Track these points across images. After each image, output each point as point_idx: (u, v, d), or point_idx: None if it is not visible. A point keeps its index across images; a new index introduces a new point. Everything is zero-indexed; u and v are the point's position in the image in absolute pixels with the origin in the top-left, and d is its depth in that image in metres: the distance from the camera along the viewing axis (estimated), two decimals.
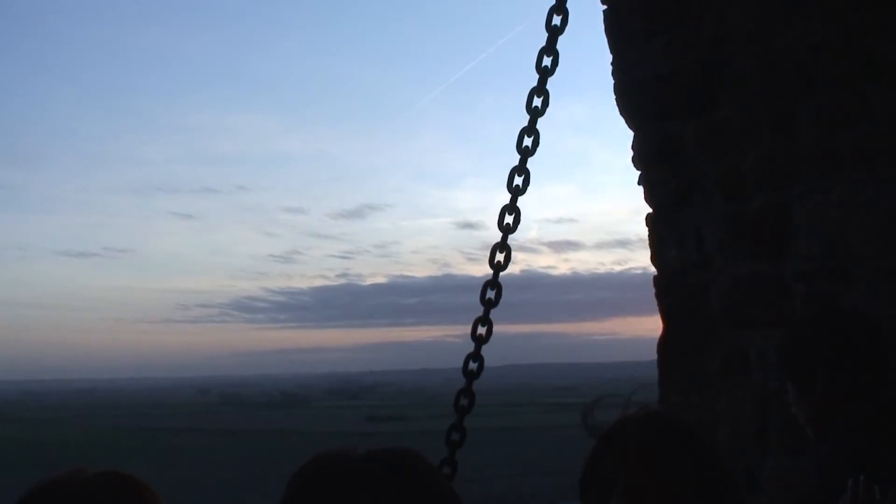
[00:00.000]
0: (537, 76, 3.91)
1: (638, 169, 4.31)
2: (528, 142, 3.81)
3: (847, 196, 3.63)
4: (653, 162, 4.25)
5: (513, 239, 3.83)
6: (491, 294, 3.62)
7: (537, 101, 3.87)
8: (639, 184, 4.31)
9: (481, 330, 3.57)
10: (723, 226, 4.01)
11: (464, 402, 3.54)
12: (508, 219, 3.74)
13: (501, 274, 3.79)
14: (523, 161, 3.72)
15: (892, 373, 2.80)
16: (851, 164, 3.62)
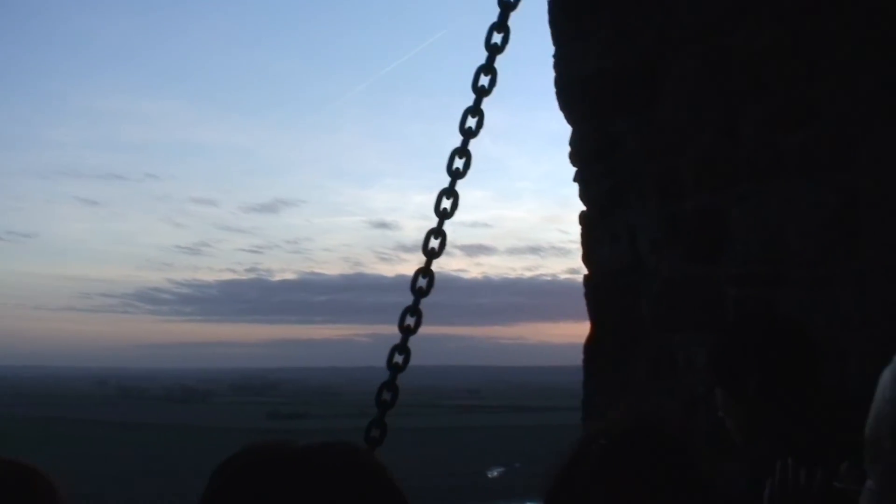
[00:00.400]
0: (473, 96, 3.72)
1: (574, 166, 4.22)
2: (459, 163, 3.62)
3: (786, 200, 3.58)
4: (590, 159, 4.17)
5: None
6: (423, 282, 3.45)
7: (471, 122, 3.66)
8: (574, 181, 4.22)
9: (410, 321, 3.38)
10: (658, 226, 3.94)
11: (386, 396, 3.37)
12: (446, 203, 3.57)
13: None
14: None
15: (825, 379, 2.75)
16: (793, 168, 3.57)
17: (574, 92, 4.21)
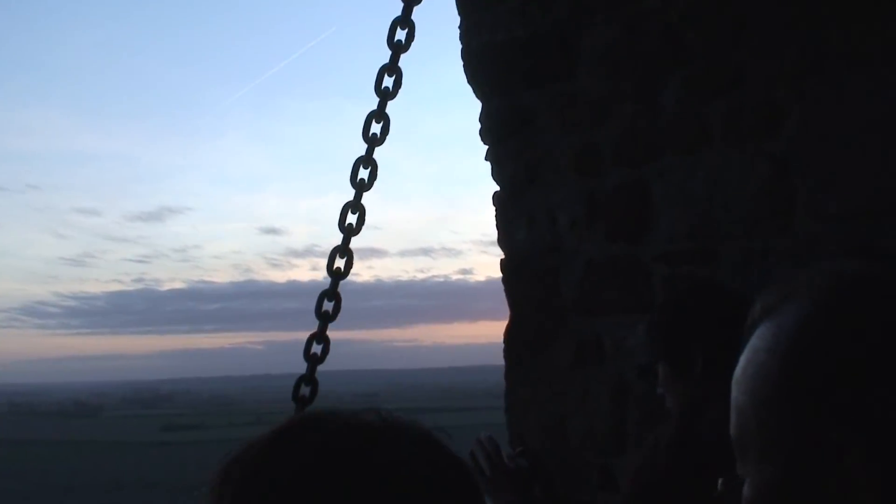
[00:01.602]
0: (389, 52, 3.40)
1: (485, 143, 3.97)
2: (376, 128, 3.26)
3: (714, 172, 3.38)
4: (502, 136, 3.92)
5: (316, 245, 3.38)
6: (329, 306, 3.09)
7: (388, 81, 3.32)
8: (486, 160, 3.97)
9: (316, 348, 3.04)
10: (577, 205, 3.71)
11: (304, 391, 3.06)
12: (351, 218, 3.19)
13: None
14: (370, 151, 3.21)
15: None
16: (719, 138, 3.38)
17: (483, 64, 3.95)
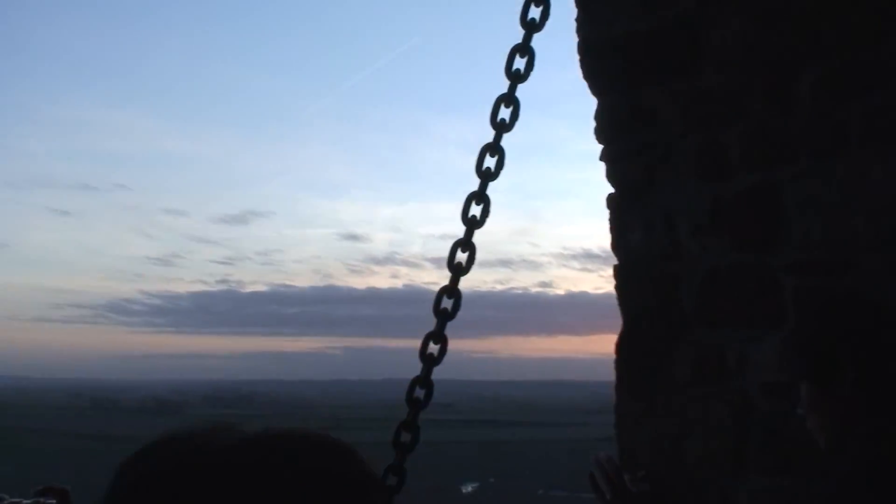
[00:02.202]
0: (508, 81, 3.19)
1: (600, 143, 3.76)
2: (490, 162, 3.04)
3: (852, 177, 3.14)
4: (619, 135, 3.70)
5: (396, 253, 3.20)
6: (448, 303, 2.90)
7: (504, 113, 3.09)
8: (601, 159, 3.76)
9: (433, 348, 2.84)
10: (699, 210, 3.48)
11: (405, 437, 2.84)
12: (475, 210, 2.99)
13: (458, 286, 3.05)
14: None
15: None
16: (858, 141, 3.13)
17: (600, 58, 3.74)
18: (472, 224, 2.93)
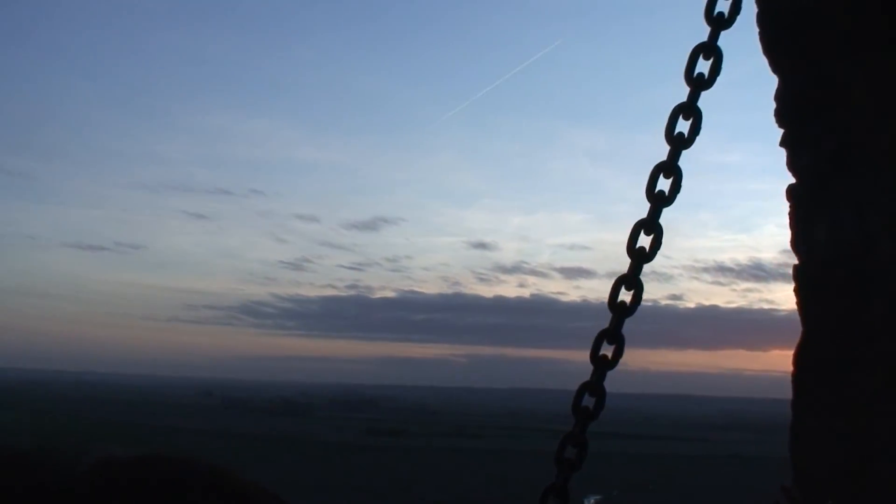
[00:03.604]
0: (687, 88, 2.75)
1: (781, 126, 3.35)
2: (664, 184, 2.56)
3: None
4: (803, 118, 3.29)
5: (524, 262, 2.77)
6: (626, 296, 2.46)
7: (683, 126, 2.63)
8: (781, 145, 3.35)
9: (606, 349, 2.40)
10: None
11: (570, 454, 2.42)
12: (644, 240, 2.53)
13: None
14: (656, 208, 2.50)
15: None
16: None
17: (783, 31, 3.33)
18: (639, 257, 2.50)
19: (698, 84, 2.59)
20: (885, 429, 3.03)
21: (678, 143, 2.56)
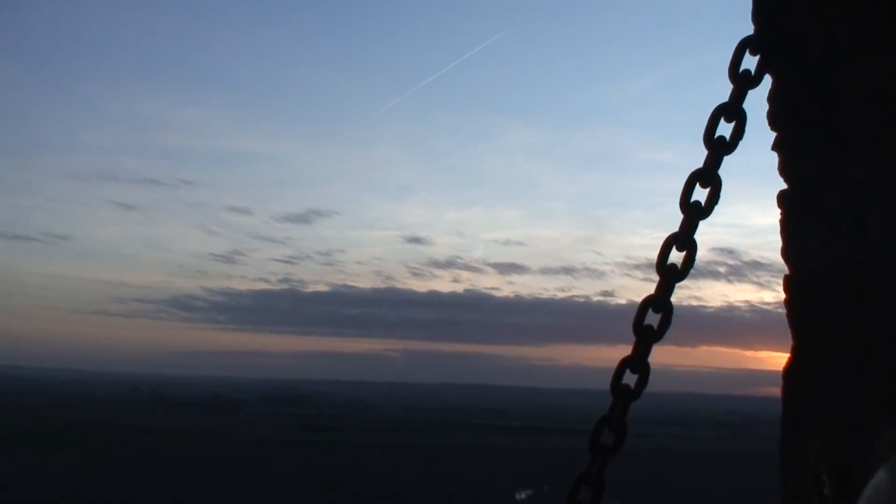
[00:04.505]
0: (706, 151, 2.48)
1: (774, 130, 3.17)
2: (704, 195, 2.30)
3: None
4: (799, 120, 3.12)
5: (459, 258, 2.59)
6: (678, 258, 2.20)
7: (700, 195, 2.36)
8: (773, 149, 3.18)
9: (654, 318, 2.17)
10: None
11: (585, 495, 2.18)
12: (676, 257, 2.30)
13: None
14: (691, 224, 2.26)
15: None
16: None
17: (780, 30, 3.16)
18: (670, 276, 2.26)
19: (719, 149, 2.40)
20: (883, 452, 2.86)
21: (695, 214, 2.34)
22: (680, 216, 2.54)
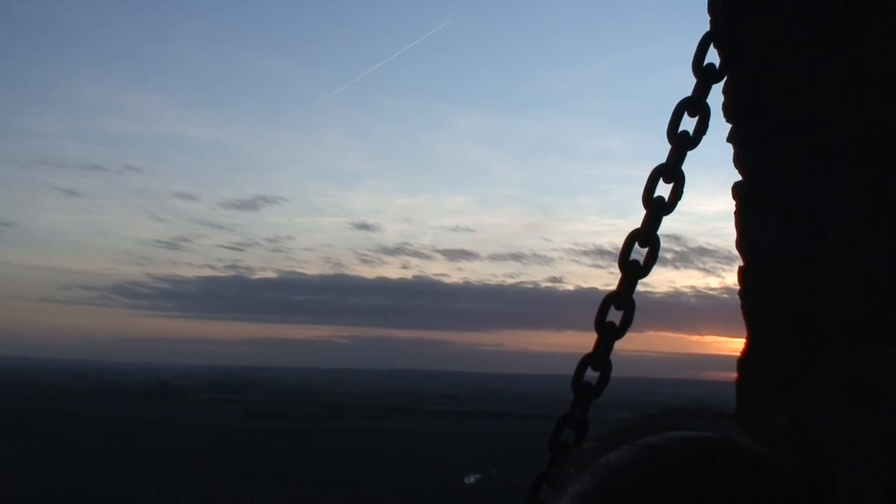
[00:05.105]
0: (669, 146, 2.47)
1: (729, 122, 3.18)
2: (667, 191, 2.26)
3: None
4: (754, 112, 3.12)
5: (407, 244, 2.56)
6: (617, 316, 2.18)
7: (664, 190, 2.35)
8: (728, 141, 3.18)
9: (614, 315, 2.15)
10: (853, 203, 2.89)
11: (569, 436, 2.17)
12: (639, 254, 2.28)
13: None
14: (654, 220, 2.23)
15: None
16: None
17: (736, 17, 3.15)
18: (633, 272, 2.23)
19: (683, 143, 2.39)
20: (838, 444, 2.88)
21: (658, 209, 2.33)
22: (641, 210, 2.54)
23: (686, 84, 3.12)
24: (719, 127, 3.26)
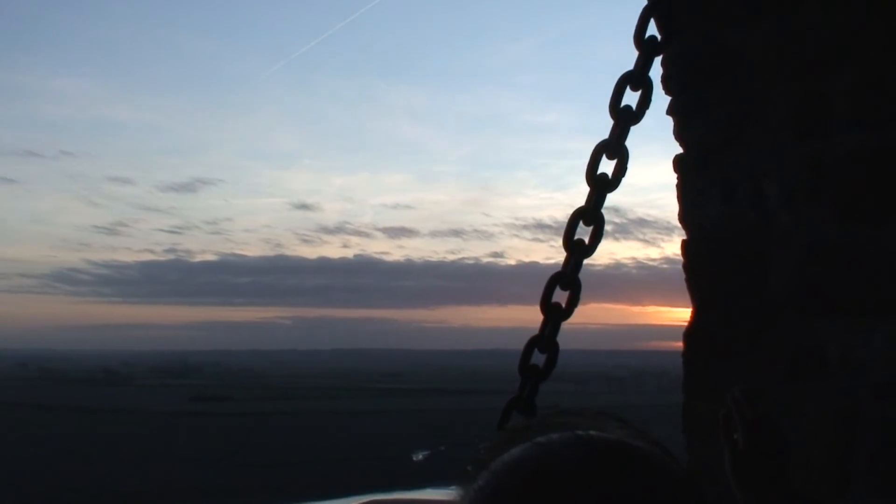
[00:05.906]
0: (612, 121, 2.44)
1: (668, 94, 3.15)
2: (611, 167, 2.22)
3: None
4: (694, 83, 3.10)
5: (347, 223, 2.52)
6: (585, 233, 2.15)
7: (607, 167, 2.30)
8: (668, 113, 3.16)
9: (559, 296, 2.13)
10: (795, 173, 2.89)
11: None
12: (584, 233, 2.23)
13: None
14: (599, 197, 2.20)
15: None
16: None
17: None
18: (578, 250, 2.21)
19: (626, 119, 2.35)
20: (786, 414, 2.88)
21: (602, 186, 2.30)
22: (581, 184, 2.52)
23: (621, 57, 3.10)
24: (658, 98, 3.25)
